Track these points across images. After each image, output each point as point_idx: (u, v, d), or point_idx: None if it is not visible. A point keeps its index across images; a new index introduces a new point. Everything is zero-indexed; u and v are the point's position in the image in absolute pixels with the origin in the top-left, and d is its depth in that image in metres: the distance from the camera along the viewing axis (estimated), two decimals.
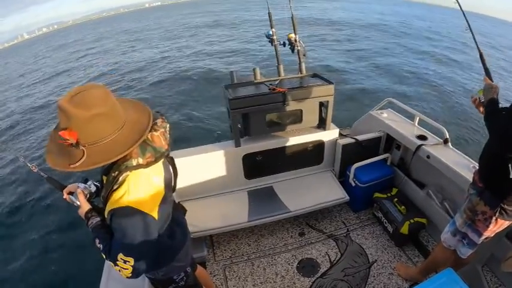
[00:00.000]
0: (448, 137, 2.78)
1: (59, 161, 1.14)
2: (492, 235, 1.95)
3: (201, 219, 2.56)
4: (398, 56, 16.40)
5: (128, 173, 1.21)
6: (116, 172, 1.20)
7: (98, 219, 1.35)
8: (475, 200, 1.88)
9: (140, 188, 1.23)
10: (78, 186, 1.42)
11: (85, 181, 1.46)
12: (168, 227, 1.53)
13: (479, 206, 1.86)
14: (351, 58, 15.42)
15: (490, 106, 1.73)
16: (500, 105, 1.72)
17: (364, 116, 3.65)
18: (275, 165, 3.32)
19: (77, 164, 1.11)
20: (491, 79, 1.84)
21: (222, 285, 2.67)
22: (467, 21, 2.13)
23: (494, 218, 1.81)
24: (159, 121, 1.35)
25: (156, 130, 1.31)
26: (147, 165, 1.25)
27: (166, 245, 1.53)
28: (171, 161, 1.58)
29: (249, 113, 2.89)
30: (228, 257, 2.94)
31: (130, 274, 1.26)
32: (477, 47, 2.01)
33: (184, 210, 1.83)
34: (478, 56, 1.97)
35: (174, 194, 1.67)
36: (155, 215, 1.28)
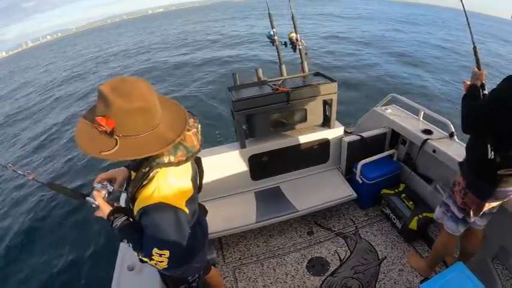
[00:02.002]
0: (453, 130, 2.76)
1: (90, 146, 1.11)
2: (473, 216, 1.99)
3: (209, 221, 2.56)
4: (403, 49, 16.35)
5: (158, 169, 1.21)
6: (147, 168, 1.20)
7: (123, 218, 1.36)
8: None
9: (170, 184, 1.23)
10: (94, 187, 1.41)
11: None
12: (191, 226, 1.54)
13: (457, 177, 2.03)
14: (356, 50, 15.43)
15: (469, 90, 1.87)
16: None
17: (368, 112, 3.64)
18: (281, 165, 3.33)
19: (109, 153, 1.09)
20: (479, 68, 1.93)
21: (232, 287, 2.68)
22: (466, 17, 2.16)
23: (466, 189, 1.93)
24: (191, 121, 1.36)
25: (188, 130, 1.32)
26: (178, 163, 1.25)
27: (188, 244, 1.53)
28: (198, 161, 1.61)
29: (253, 114, 2.90)
30: (237, 259, 2.94)
31: (167, 265, 1.28)
32: (472, 41, 2.06)
33: (205, 211, 1.85)
34: (472, 48, 2.04)
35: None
36: (187, 210, 1.30)
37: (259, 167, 3.23)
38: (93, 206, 1.40)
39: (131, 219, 1.39)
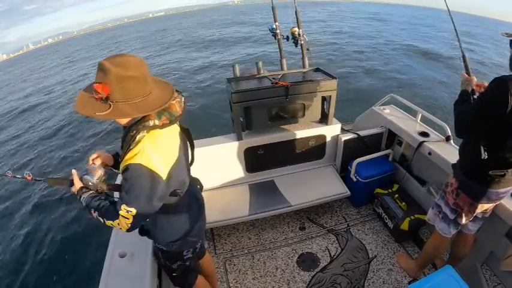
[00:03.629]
0: (450, 134, 2.77)
1: (87, 109, 1.22)
2: (465, 218, 2.01)
3: None
4: (402, 52, 16.35)
5: (145, 133, 1.30)
6: (134, 131, 1.30)
7: (90, 192, 1.44)
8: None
9: (154, 148, 1.31)
10: (92, 167, 1.49)
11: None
12: (186, 198, 1.62)
13: (450, 178, 2.04)
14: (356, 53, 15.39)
15: (460, 95, 1.92)
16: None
17: (366, 111, 3.64)
18: (277, 159, 3.32)
19: (103, 113, 1.20)
20: (469, 74, 1.99)
21: (222, 278, 2.69)
22: (453, 23, 2.26)
23: (459, 190, 1.94)
24: (176, 94, 1.44)
25: (173, 99, 1.41)
26: (163, 126, 1.34)
27: (184, 217, 1.65)
28: (187, 133, 1.71)
29: (251, 106, 2.89)
30: (228, 250, 2.95)
31: (130, 225, 1.35)
32: (461, 49, 2.13)
33: (201, 186, 1.94)
34: (461, 56, 2.11)
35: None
36: (164, 176, 1.35)
37: (255, 159, 3.22)
38: (90, 183, 1.45)
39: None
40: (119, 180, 2.20)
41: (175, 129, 1.52)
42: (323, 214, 3.29)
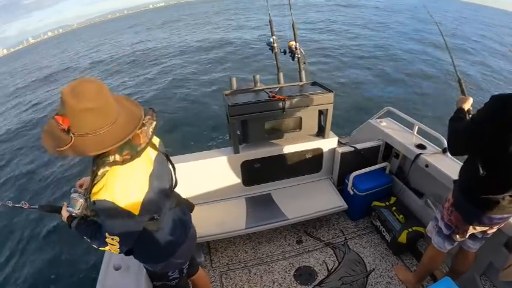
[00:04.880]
0: (447, 146, 2.78)
1: (49, 142, 1.21)
2: (459, 236, 2.01)
3: (198, 225, 2.56)
4: (398, 61, 16.41)
5: (108, 168, 1.26)
6: (95, 167, 1.27)
7: (77, 219, 1.48)
8: None
9: (118, 183, 1.27)
10: (71, 196, 1.49)
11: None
12: (167, 222, 1.61)
13: (450, 194, 2.04)
14: (352, 66, 15.45)
15: (455, 113, 1.93)
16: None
17: (363, 124, 3.66)
18: (273, 172, 3.32)
19: (62, 149, 1.18)
20: (465, 95, 2.04)
21: None
22: (450, 53, 2.34)
23: (453, 208, 1.95)
24: (147, 118, 1.39)
25: (141, 127, 1.35)
26: (123, 162, 1.28)
27: (166, 240, 1.60)
28: (167, 157, 1.65)
29: (248, 119, 2.90)
30: (225, 264, 2.92)
31: (119, 249, 1.40)
32: (456, 74, 2.18)
33: (191, 207, 1.89)
34: (457, 80, 2.16)
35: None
36: (133, 207, 1.32)
37: (252, 173, 3.22)
38: (73, 214, 1.49)
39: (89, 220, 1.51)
40: None
41: (146, 155, 1.43)
42: (320, 227, 3.27)
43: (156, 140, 1.55)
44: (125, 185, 1.30)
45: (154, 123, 1.43)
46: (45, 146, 1.21)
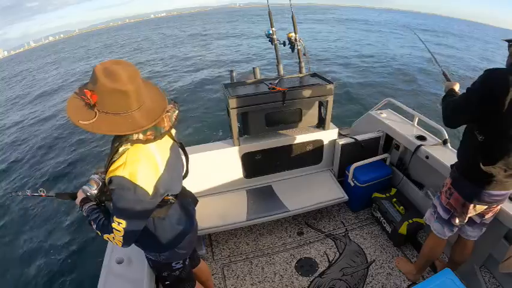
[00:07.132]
0: (447, 137, 2.78)
1: (73, 113, 1.20)
2: (458, 219, 2.02)
3: (199, 217, 2.59)
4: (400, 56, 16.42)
5: (129, 146, 1.28)
6: (117, 143, 1.29)
7: (90, 204, 1.47)
8: None
9: (137, 161, 1.29)
10: (91, 178, 1.52)
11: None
12: (175, 211, 1.63)
13: (447, 179, 2.08)
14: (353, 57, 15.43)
15: (447, 91, 2.04)
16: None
17: (363, 115, 3.65)
18: (274, 164, 3.32)
19: (85, 123, 1.18)
20: (450, 81, 2.14)
21: (220, 284, 2.67)
22: (431, 54, 2.50)
23: (452, 189, 1.98)
24: (169, 107, 1.43)
25: (165, 113, 1.39)
26: (146, 141, 1.31)
27: (173, 228, 1.63)
28: (181, 146, 1.70)
29: (248, 112, 2.89)
30: (226, 256, 2.93)
31: (122, 238, 1.35)
32: (441, 68, 2.30)
33: (195, 201, 1.91)
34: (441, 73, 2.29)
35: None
36: (149, 188, 1.32)
37: (252, 165, 3.22)
38: (88, 194, 1.48)
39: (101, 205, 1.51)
40: None
41: (164, 142, 1.48)
42: (321, 219, 3.28)
43: (172, 130, 1.57)
44: (144, 164, 1.31)
45: (177, 111, 1.49)
46: (68, 114, 1.21)
